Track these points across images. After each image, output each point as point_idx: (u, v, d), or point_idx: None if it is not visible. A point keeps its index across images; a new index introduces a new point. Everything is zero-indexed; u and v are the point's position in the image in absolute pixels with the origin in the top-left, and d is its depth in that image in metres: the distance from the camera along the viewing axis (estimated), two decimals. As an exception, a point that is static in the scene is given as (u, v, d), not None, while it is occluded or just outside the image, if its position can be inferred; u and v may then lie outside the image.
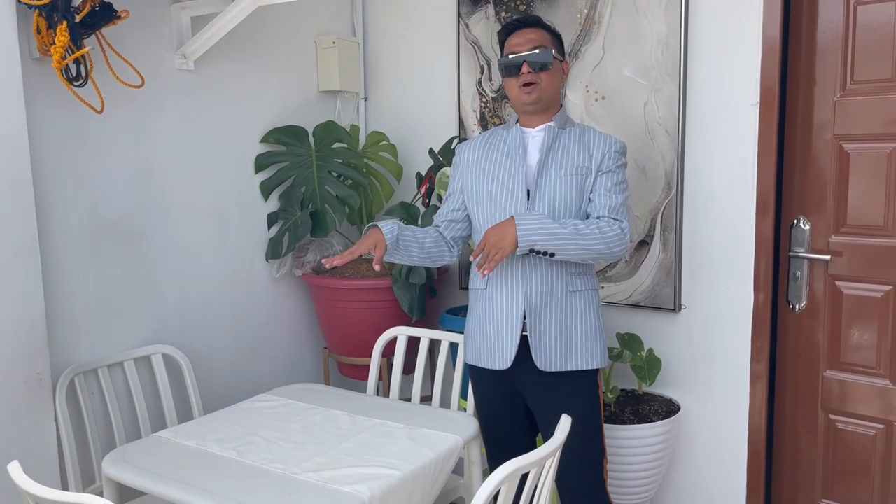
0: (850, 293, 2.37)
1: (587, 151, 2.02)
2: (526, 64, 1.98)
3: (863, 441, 2.39)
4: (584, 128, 2.09)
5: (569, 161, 2.01)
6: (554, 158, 2.02)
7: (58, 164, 2.19)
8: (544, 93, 2.01)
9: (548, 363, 2.00)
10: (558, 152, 2.03)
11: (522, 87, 2.00)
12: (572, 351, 2.01)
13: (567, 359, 2.01)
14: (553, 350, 2.00)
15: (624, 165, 2.05)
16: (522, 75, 1.98)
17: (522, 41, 2.00)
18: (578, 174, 2.00)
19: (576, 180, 2.00)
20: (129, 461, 1.81)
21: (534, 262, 1.98)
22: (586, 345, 2.02)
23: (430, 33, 3.04)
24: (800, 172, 2.42)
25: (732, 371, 2.48)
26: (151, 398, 2.44)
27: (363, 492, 1.61)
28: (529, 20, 2.06)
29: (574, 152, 2.02)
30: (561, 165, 2.01)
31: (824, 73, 2.34)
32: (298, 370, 3.05)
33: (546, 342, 2.00)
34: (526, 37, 2.01)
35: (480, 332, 2.09)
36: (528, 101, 2.01)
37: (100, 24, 2.02)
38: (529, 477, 1.51)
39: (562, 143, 2.04)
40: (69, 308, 2.24)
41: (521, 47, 2.00)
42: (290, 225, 2.79)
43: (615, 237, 1.93)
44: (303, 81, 3.01)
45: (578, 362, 2.02)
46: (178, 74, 2.51)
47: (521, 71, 1.98)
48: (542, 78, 1.99)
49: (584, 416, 2.01)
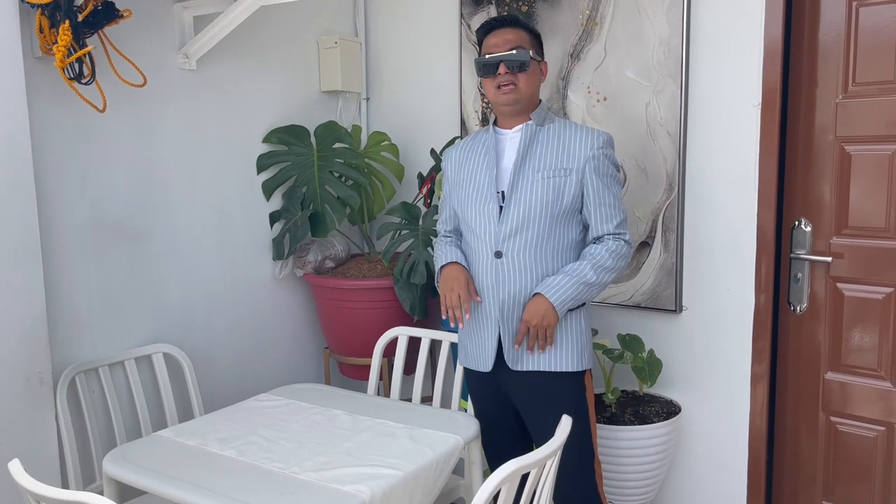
0: (851, 295, 2.37)
1: (566, 151, 1.99)
2: (503, 64, 1.96)
3: (864, 443, 2.39)
4: (564, 123, 2.05)
5: (546, 161, 1.98)
6: (532, 159, 1.99)
7: (60, 163, 2.19)
8: (522, 94, 1.98)
9: (517, 362, 2.01)
10: (536, 152, 2.00)
11: (499, 88, 1.98)
12: (546, 351, 2.00)
13: (538, 358, 2.00)
14: (524, 349, 2.00)
15: (614, 163, 2.03)
16: (499, 76, 1.97)
17: (500, 41, 1.98)
18: (556, 176, 1.97)
19: (553, 183, 1.96)
20: (129, 460, 1.81)
21: (506, 266, 1.98)
22: (562, 345, 2.00)
23: (432, 34, 3.04)
24: (801, 174, 2.42)
25: (733, 372, 2.48)
26: (152, 397, 2.44)
27: (364, 491, 1.61)
28: (507, 19, 2.02)
29: (553, 152, 1.99)
30: (539, 167, 1.98)
31: (826, 74, 2.34)
32: (299, 370, 3.05)
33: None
34: (503, 37, 1.98)
35: (467, 334, 2.11)
36: (504, 101, 1.99)
37: (102, 23, 2.03)
38: (530, 477, 1.51)
39: (540, 141, 2.01)
40: (70, 307, 2.24)
41: (498, 48, 1.97)
42: (290, 225, 2.79)
43: (623, 256, 1.98)
44: (305, 81, 3.01)
45: (553, 363, 2.00)
46: (181, 74, 2.51)
47: (498, 71, 1.96)
48: (520, 79, 1.97)
49: (574, 415, 1.95)
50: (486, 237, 2.00)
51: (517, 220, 1.97)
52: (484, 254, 2.01)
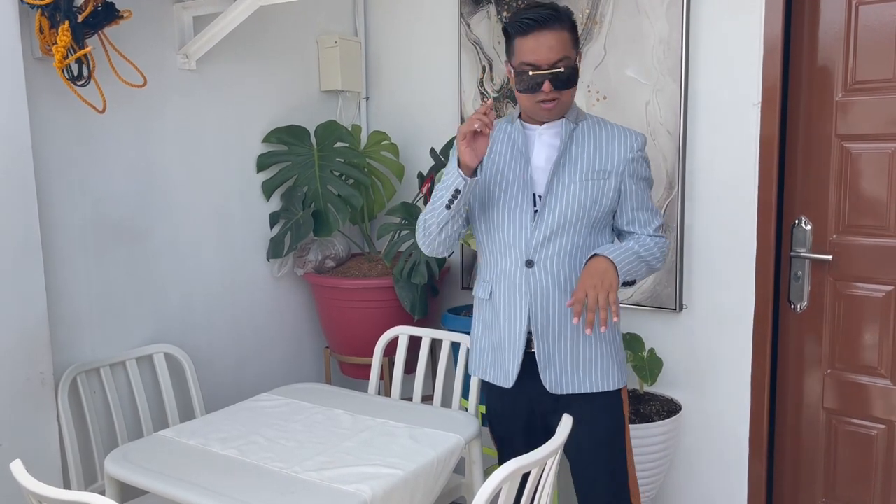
0: (851, 293, 2.37)
1: (604, 152, 1.81)
2: (548, 82, 1.72)
3: (864, 441, 2.39)
4: (597, 121, 1.87)
5: (584, 163, 1.80)
6: (568, 160, 1.80)
7: (60, 164, 2.19)
8: (564, 107, 1.80)
9: (558, 385, 1.83)
10: (572, 152, 1.81)
11: (540, 103, 1.77)
12: (585, 371, 1.82)
13: (579, 380, 1.83)
14: (563, 371, 1.82)
15: (648, 160, 1.88)
16: (542, 92, 1.74)
17: (542, 48, 1.71)
18: (595, 178, 1.79)
19: (592, 186, 1.79)
20: (131, 460, 1.82)
21: (538, 276, 1.80)
22: (600, 363, 1.83)
23: (432, 33, 3.04)
24: (801, 172, 2.42)
25: (734, 371, 2.48)
26: (153, 397, 2.44)
27: (364, 491, 1.61)
28: (548, 16, 1.71)
29: (590, 153, 1.81)
30: (576, 169, 1.79)
31: (826, 72, 2.34)
32: (300, 369, 3.05)
33: (556, 363, 1.82)
34: (546, 43, 1.70)
35: (487, 342, 1.93)
36: (545, 116, 1.80)
37: (102, 23, 2.02)
38: (531, 476, 1.51)
39: (576, 141, 1.82)
40: (71, 307, 2.24)
41: (540, 57, 1.71)
42: (291, 224, 2.79)
43: (664, 254, 1.86)
44: (304, 81, 3.01)
45: (593, 383, 1.83)
46: (181, 74, 2.51)
47: (542, 89, 1.73)
48: (564, 93, 1.76)
49: (606, 440, 1.87)
50: (517, 244, 1.81)
51: (552, 226, 1.79)
52: (513, 262, 1.82)
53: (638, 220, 1.85)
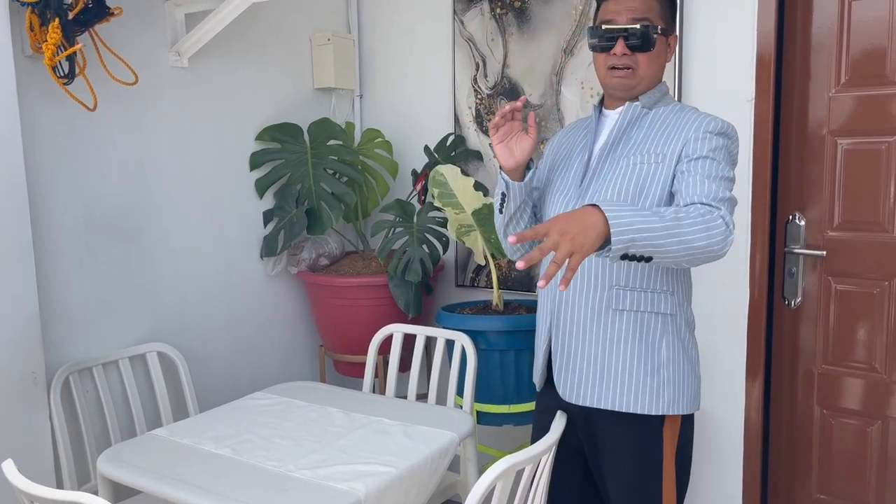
0: (845, 289, 2.37)
1: (666, 134, 1.56)
2: (621, 41, 1.54)
3: (858, 436, 2.39)
4: (680, 107, 1.62)
5: (641, 146, 1.57)
6: (626, 143, 1.59)
7: (52, 162, 2.18)
8: (639, 78, 1.58)
9: (573, 393, 1.62)
10: (632, 136, 1.60)
11: (612, 69, 1.58)
12: (611, 384, 1.57)
13: (601, 393, 1.58)
14: (583, 378, 1.60)
15: (725, 149, 1.52)
16: (613, 55, 1.56)
17: (621, 8, 1.55)
18: (645, 162, 1.54)
19: (640, 170, 1.54)
20: (124, 459, 1.81)
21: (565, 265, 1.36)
22: (633, 378, 1.56)
23: (426, 30, 3.04)
24: (795, 168, 2.42)
25: (728, 367, 2.49)
26: (147, 396, 2.43)
27: (359, 489, 1.61)
28: None
29: (653, 136, 1.57)
30: (627, 153, 1.58)
31: (819, 68, 2.34)
32: (294, 368, 3.04)
33: (574, 367, 1.63)
34: (627, 4, 1.55)
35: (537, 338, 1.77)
36: (615, 86, 1.60)
37: (93, 20, 2.01)
38: (524, 474, 1.51)
39: (643, 125, 1.60)
40: (64, 306, 2.23)
41: (618, 16, 1.55)
42: (285, 222, 2.78)
43: (718, 230, 1.35)
44: (297, 78, 3.00)
45: (617, 400, 1.57)
46: (172, 72, 2.50)
47: (614, 50, 1.56)
48: (640, 61, 1.56)
49: (636, 473, 1.60)
50: None
51: None
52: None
53: (691, 184, 1.46)
